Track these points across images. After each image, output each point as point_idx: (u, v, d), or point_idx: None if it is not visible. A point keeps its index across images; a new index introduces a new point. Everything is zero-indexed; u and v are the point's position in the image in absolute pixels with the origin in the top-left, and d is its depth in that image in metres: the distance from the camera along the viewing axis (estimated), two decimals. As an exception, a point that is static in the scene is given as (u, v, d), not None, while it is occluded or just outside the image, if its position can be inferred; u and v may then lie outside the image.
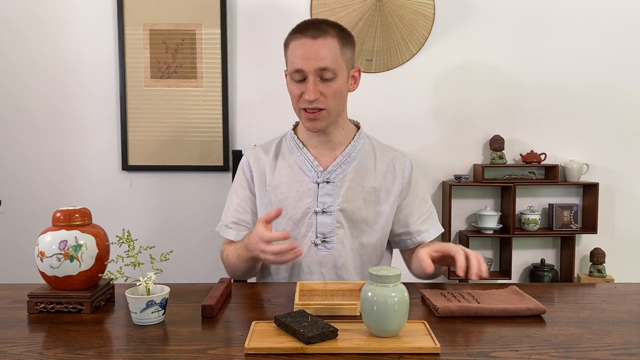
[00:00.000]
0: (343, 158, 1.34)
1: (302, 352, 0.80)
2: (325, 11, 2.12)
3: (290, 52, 1.27)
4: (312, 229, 1.32)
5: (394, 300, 0.82)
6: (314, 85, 1.23)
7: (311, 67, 1.23)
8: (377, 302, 0.83)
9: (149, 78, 2.16)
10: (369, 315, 0.84)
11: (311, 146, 1.36)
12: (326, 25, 1.26)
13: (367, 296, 0.84)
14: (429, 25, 2.15)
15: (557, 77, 2.21)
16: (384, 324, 0.83)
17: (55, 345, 0.86)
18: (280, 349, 0.80)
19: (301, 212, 1.32)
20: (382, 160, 1.37)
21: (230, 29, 2.17)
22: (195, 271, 2.17)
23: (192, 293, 1.13)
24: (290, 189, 1.33)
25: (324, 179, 1.32)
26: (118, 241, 0.98)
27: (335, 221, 1.31)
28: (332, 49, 1.24)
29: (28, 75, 2.17)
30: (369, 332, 0.86)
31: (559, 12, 2.19)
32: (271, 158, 1.38)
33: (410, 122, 2.22)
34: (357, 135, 1.38)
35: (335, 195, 1.31)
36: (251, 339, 0.83)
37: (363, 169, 1.35)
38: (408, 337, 0.84)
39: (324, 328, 0.83)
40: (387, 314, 0.82)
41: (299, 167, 1.34)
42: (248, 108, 2.21)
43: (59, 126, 2.20)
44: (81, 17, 2.16)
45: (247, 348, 0.80)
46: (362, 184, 1.33)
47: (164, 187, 2.22)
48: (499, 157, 2.17)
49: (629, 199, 2.27)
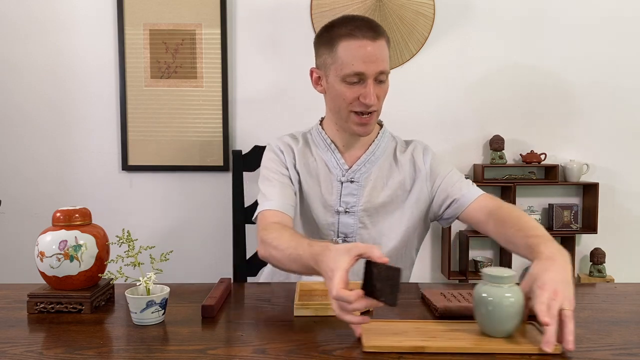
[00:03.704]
0: (367, 157, 1.30)
1: (421, 352, 0.81)
2: (325, 11, 2.12)
3: (345, 53, 1.18)
4: (334, 229, 1.29)
5: (510, 301, 0.83)
6: (374, 90, 1.18)
7: (372, 71, 1.17)
8: (493, 303, 0.83)
9: (149, 78, 2.16)
10: (483, 315, 0.85)
11: (340, 145, 1.31)
12: (377, 25, 1.21)
13: (482, 296, 0.85)
14: (429, 25, 2.15)
15: (557, 77, 2.21)
16: (500, 324, 0.84)
17: (55, 345, 0.86)
18: (400, 347, 0.81)
19: (323, 210, 1.28)
20: (402, 152, 1.33)
21: (230, 29, 2.17)
22: (195, 271, 2.17)
23: (192, 293, 1.13)
24: (315, 184, 1.29)
25: (348, 178, 1.28)
26: (118, 241, 0.98)
27: (358, 221, 1.28)
28: (386, 51, 1.20)
29: (28, 75, 2.18)
30: (481, 331, 0.86)
31: (558, 12, 2.19)
32: (300, 147, 1.32)
33: (410, 122, 2.21)
34: (380, 133, 1.34)
35: (359, 196, 1.28)
36: (366, 336, 0.83)
37: (387, 167, 1.31)
38: (524, 337, 0.85)
39: (391, 279, 0.82)
40: (503, 314, 0.83)
41: (325, 164, 1.30)
42: (248, 108, 2.21)
43: (59, 126, 2.20)
44: (81, 17, 2.16)
45: (367, 346, 0.81)
46: (387, 183, 1.29)
47: (164, 187, 2.22)
48: (499, 157, 2.17)
49: (629, 199, 2.27)
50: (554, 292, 0.83)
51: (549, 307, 0.81)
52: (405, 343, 0.82)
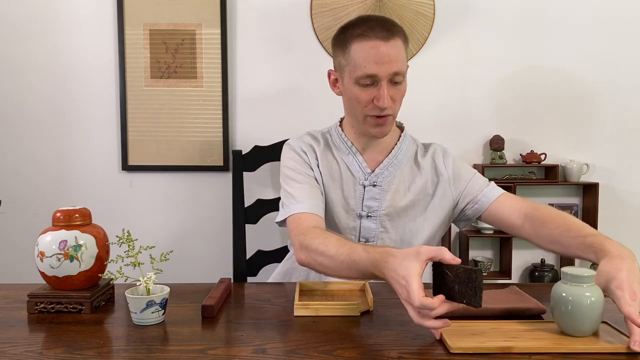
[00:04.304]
0: (390, 161, 1.28)
1: (507, 352, 0.81)
2: (325, 11, 2.12)
3: (357, 55, 1.16)
4: (355, 233, 1.27)
5: (591, 300, 0.83)
6: (387, 92, 1.16)
7: (385, 73, 1.14)
8: (572, 302, 0.83)
9: (149, 78, 2.16)
10: (563, 314, 0.85)
11: (360, 148, 1.29)
12: (391, 25, 1.17)
13: (561, 296, 0.85)
14: (429, 25, 2.15)
15: (558, 77, 2.21)
16: (580, 324, 0.84)
17: (55, 345, 0.86)
18: (487, 348, 0.81)
19: (344, 213, 1.26)
20: (423, 156, 1.32)
21: (230, 29, 2.17)
22: (195, 271, 2.17)
23: (192, 293, 1.13)
24: (336, 187, 1.27)
25: (371, 182, 1.26)
26: (118, 241, 0.98)
27: (380, 226, 1.26)
28: (401, 51, 1.17)
29: (28, 74, 2.17)
30: (560, 331, 0.87)
31: (558, 12, 2.19)
32: (322, 148, 1.29)
33: (410, 122, 2.18)
34: (402, 137, 1.32)
35: (382, 200, 1.26)
36: (448, 338, 0.83)
37: (409, 171, 1.29)
38: (603, 336, 0.85)
39: (471, 280, 0.82)
40: (583, 313, 0.83)
41: (347, 167, 1.28)
42: (248, 108, 2.21)
43: (59, 126, 2.20)
44: (81, 17, 2.16)
45: (454, 348, 0.81)
46: (409, 187, 1.28)
47: (164, 187, 2.22)
48: (499, 157, 2.17)
49: (629, 199, 2.27)
50: (632, 292, 0.85)
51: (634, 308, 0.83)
52: (491, 344, 0.82)
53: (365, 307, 1.02)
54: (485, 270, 2.20)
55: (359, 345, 0.85)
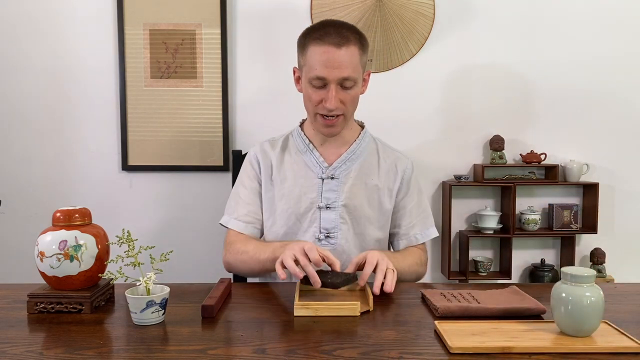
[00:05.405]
0: (348, 155, 1.37)
1: (507, 352, 0.81)
2: (325, 11, 2.12)
3: (311, 57, 1.25)
4: (316, 224, 1.34)
5: (591, 300, 0.83)
6: (335, 95, 1.24)
7: (334, 77, 1.22)
8: (572, 302, 0.84)
9: (149, 78, 2.16)
10: (563, 314, 0.85)
11: (318, 144, 1.38)
12: (347, 32, 1.25)
13: (561, 296, 0.85)
14: (429, 25, 2.15)
15: (558, 77, 2.21)
16: (580, 323, 0.84)
17: (55, 345, 0.86)
18: (487, 348, 0.81)
19: (305, 207, 1.34)
20: (385, 159, 1.40)
21: (230, 29, 2.17)
22: (195, 271, 2.17)
23: (192, 293, 1.13)
24: (295, 184, 1.36)
25: (328, 174, 1.35)
26: (118, 241, 0.98)
27: (339, 217, 1.34)
28: (353, 58, 1.24)
29: (27, 75, 2.17)
30: (560, 331, 0.87)
31: (559, 12, 2.19)
32: (277, 153, 1.40)
33: (410, 122, 2.21)
34: (361, 134, 1.41)
35: (340, 191, 1.34)
36: (449, 337, 0.85)
37: (367, 167, 1.38)
38: (603, 336, 0.85)
39: (346, 275, 1.09)
40: (583, 313, 0.83)
41: (305, 163, 1.37)
42: (248, 108, 2.21)
43: (59, 126, 2.19)
44: (81, 17, 2.16)
45: (454, 348, 0.81)
46: (366, 182, 1.36)
47: (164, 187, 2.22)
48: (499, 157, 2.17)
49: (629, 199, 2.26)
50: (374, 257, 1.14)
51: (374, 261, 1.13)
52: (491, 344, 0.82)
53: (365, 307, 1.02)
54: (485, 270, 2.20)
55: (359, 345, 0.85)
